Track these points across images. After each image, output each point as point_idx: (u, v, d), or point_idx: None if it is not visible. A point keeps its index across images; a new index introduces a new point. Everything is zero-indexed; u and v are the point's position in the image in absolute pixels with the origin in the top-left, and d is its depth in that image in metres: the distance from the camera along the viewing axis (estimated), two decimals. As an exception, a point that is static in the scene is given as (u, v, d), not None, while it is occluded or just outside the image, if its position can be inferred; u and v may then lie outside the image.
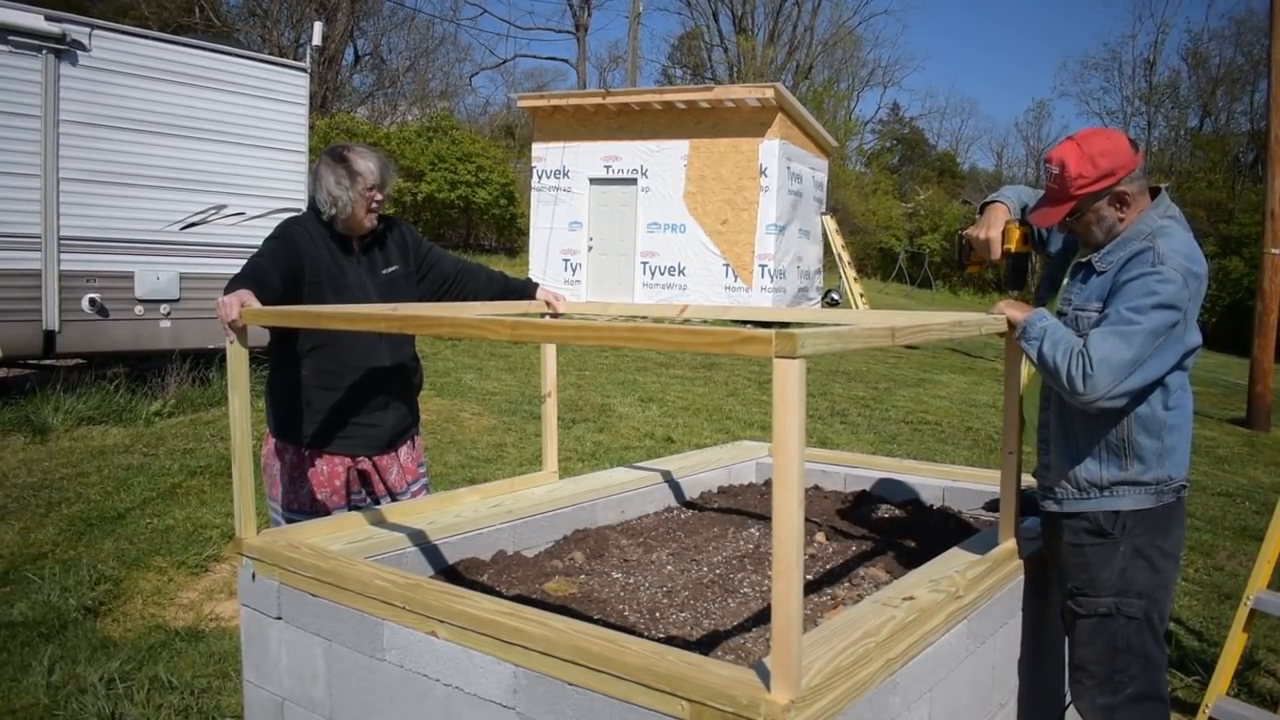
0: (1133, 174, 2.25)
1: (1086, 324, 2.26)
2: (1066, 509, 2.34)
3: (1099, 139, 2.26)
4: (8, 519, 4.84)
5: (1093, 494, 2.30)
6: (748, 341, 1.47)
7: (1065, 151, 2.26)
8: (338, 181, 2.84)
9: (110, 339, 7.37)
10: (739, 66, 36.60)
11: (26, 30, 6.73)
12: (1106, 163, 2.23)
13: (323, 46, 22.83)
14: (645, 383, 9.66)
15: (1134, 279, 2.17)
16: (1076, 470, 2.31)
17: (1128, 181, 2.24)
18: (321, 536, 2.47)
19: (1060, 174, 2.26)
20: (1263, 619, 3.22)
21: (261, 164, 8.18)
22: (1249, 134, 32.77)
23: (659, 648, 1.73)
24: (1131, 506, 2.28)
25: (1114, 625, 2.30)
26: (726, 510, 3.26)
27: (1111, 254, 2.28)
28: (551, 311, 3.15)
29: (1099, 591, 2.31)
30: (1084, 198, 2.25)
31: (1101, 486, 2.29)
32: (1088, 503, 2.31)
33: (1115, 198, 2.26)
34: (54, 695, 3.19)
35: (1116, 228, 2.29)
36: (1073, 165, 2.23)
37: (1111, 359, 2.12)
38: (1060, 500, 2.36)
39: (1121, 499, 2.28)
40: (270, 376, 3.00)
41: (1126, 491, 2.28)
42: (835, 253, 18.93)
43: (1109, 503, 2.28)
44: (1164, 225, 2.26)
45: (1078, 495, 2.32)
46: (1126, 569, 2.29)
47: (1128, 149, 2.25)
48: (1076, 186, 2.24)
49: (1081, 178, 2.23)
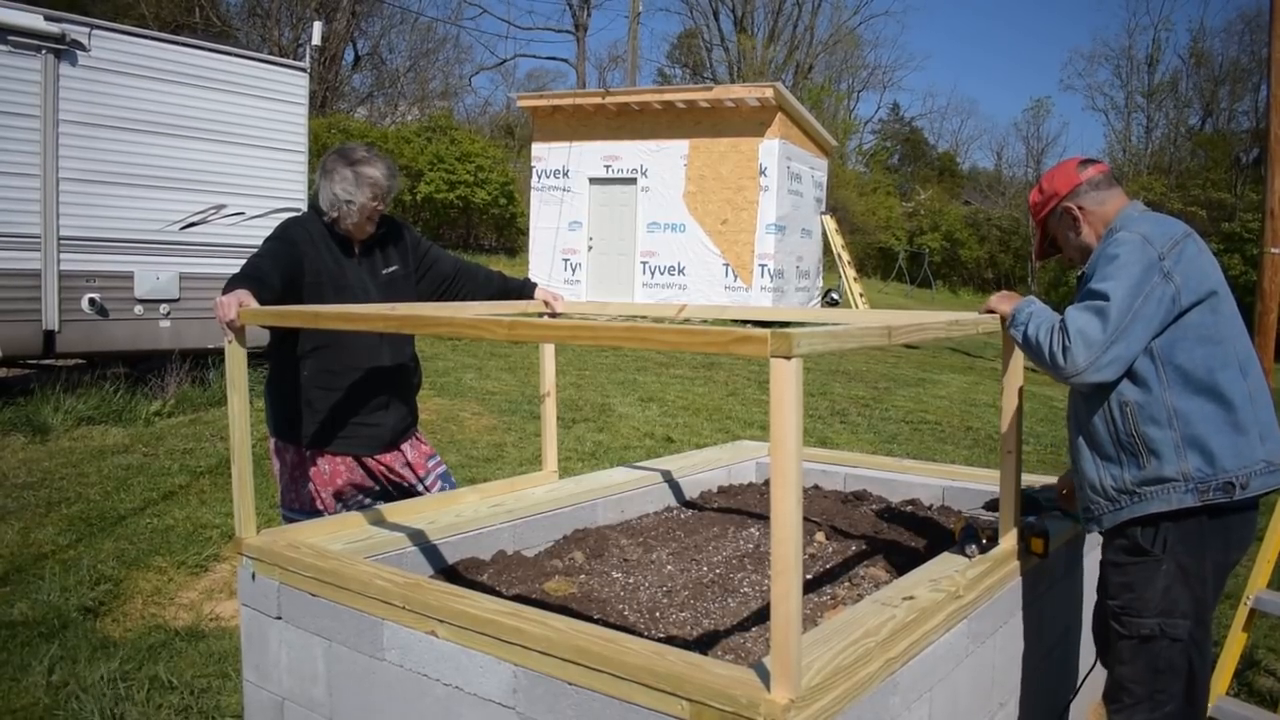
0: (1078, 190, 2.40)
1: None
2: (1106, 525, 2.28)
3: (1050, 170, 2.51)
4: (8, 519, 4.84)
5: (1123, 502, 2.23)
6: (744, 341, 1.47)
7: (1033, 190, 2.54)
8: (344, 188, 2.83)
9: (110, 339, 7.37)
10: (739, 66, 36.59)
11: (26, 30, 6.72)
12: (1050, 185, 2.45)
13: (322, 46, 22.82)
14: (645, 382, 9.66)
15: (1095, 259, 2.28)
16: (1102, 479, 2.26)
17: (1073, 198, 2.40)
18: (321, 536, 2.47)
19: (1030, 206, 2.55)
20: (1262, 618, 3.22)
21: (261, 164, 8.17)
22: (1251, 132, 32.75)
23: (659, 647, 1.73)
24: (1164, 508, 2.17)
25: (1156, 646, 2.22)
26: (726, 510, 3.26)
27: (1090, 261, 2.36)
28: (550, 311, 3.15)
29: (1143, 612, 2.23)
30: (1043, 221, 2.48)
31: (1129, 491, 2.21)
32: (1121, 513, 2.23)
33: (1064, 214, 2.42)
34: (54, 695, 3.19)
35: (1085, 239, 2.40)
36: (1031, 197, 2.52)
37: (1087, 329, 2.12)
38: (1099, 517, 2.30)
39: (1151, 501, 2.18)
40: (270, 376, 3.00)
41: (1154, 493, 2.18)
42: (835, 252, 18.94)
43: (1140, 508, 2.19)
44: (1130, 216, 2.33)
45: (1111, 507, 2.25)
46: (1170, 588, 2.20)
47: (1072, 169, 2.44)
48: (1035, 214, 2.51)
49: (1035, 206, 2.50)
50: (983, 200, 38.61)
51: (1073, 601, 2.85)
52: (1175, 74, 38.05)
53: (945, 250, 33.86)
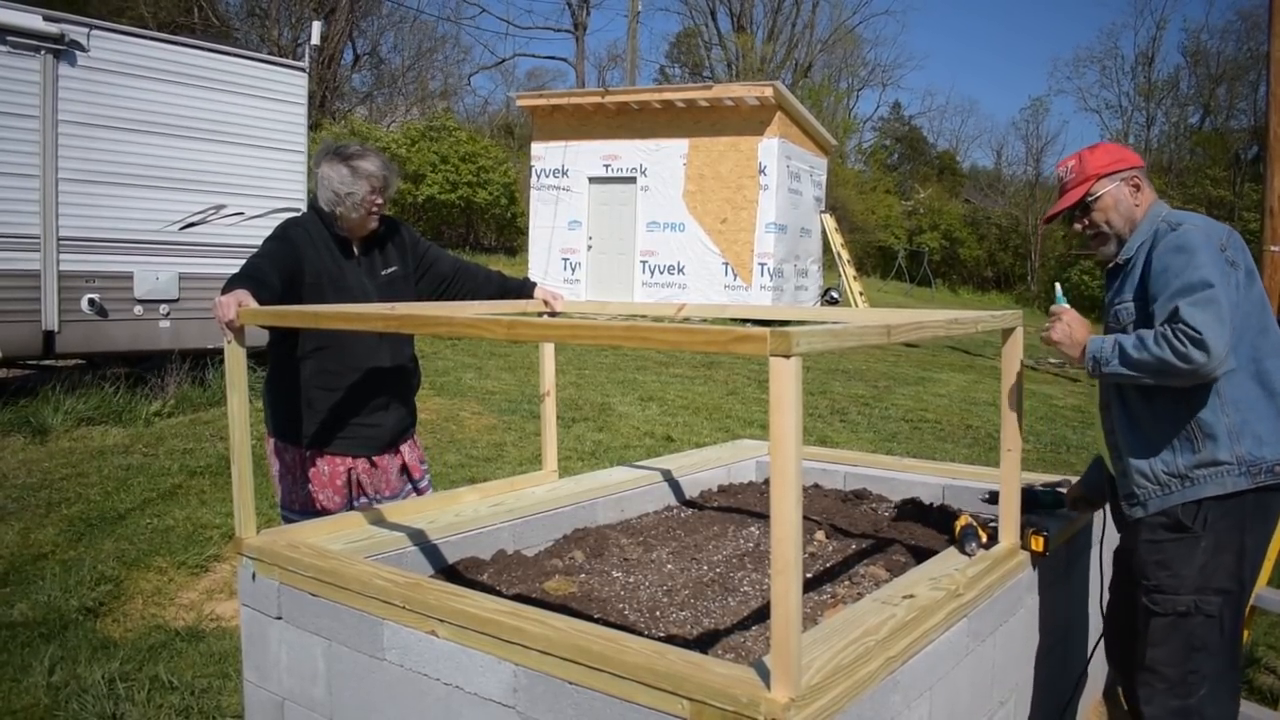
0: (1141, 169, 2.41)
1: (1126, 317, 2.32)
2: (1153, 509, 2.28)
3: (1108, 143, 2.50)
4: (8, 519, 4.84)
5: (1174, 486, 2.24)
6: (743, 340, 1.47)
7: (1080, 152, 2.46)
8: (341, 181, 2.83)
9: (109, 339, 7.37)
10: (738, 65, 36.58)
11: (25, 30, 6.72)
12: (1119, 153, 2.43)
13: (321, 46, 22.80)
14: (645, 382, 9.65)
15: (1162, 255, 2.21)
16: (1153, 465, 2.27)
17: (1140, 171, 2.40)
18: (321, 536, 2.47)
19: (1078, 163, 2.43)
20: (1263, 616, 3.22)
21: (260, 164, 8.17)
22: (1250, 130, 32.75)
23: (659, 647, 1.73)
24: (1217, 491, 2.20)
25: (1191, 624, 2.23)
26: (726, 509, 3.26)
27: (1130, 246, 2.37)
28: (549, 310, 3.15)
29: (1179, 589, 2.23)
30: (1100, 176, 2.38)
31: (1180, 476, 2.23)
32: (1172, 497, 2.24)
33: (1129, 180, 2.38)
34: (54, 695, 3.19)
35: (1134, 213, 2.37)
36: (1089, 155, 2.43)
37: (1209, 320, 2.06)
38: (1144, 502, 2.30)
39: (1204, 485, 2.21)
40: (269, 377, 3.00)
41: (1207, 476, 2.21)
42: (835, 251, 18.93)
43: (1192, 492, 2.22)
44: (1172, 211, 2.37)
45: (1160, 492, 2.26)
46: (1207, 565, 2.22)
47: (1135, 153, 2.47)
48: (1095, 166, 2.39)
49: (1099, 161, 2.40)
50: (982, 199, 38.59)
51: (1073, 600, 2.85)
52: (1175, 72, 38.08)
53: (944, 249, 33.86)
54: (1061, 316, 2.36)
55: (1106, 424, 2.43)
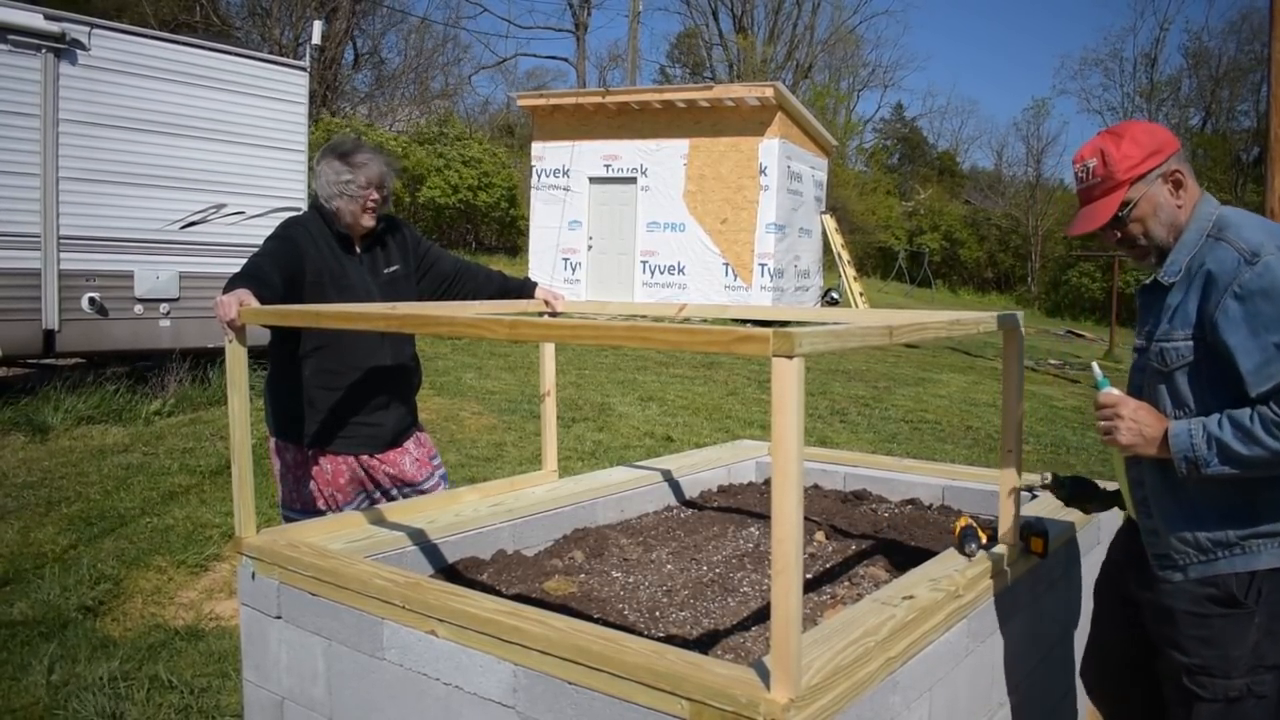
0: (1179, 153, 1.94)
1: (1175, 358, 1.92)
2: (1193, 575, 1.94)
3: (1135, 125, 1.96)
4: (8, 518, 4.84)
5: (1220, 554, 1.90)
6: (745, 340, 1.47)
7: (1102, 142, 1.95)
8: (336, 173, 2.86)
9: (110, 338, 7.37)
10: (738, 65, 36.59)
11: (26, 29, 6.72)
12: (1151, 140, 1.93)
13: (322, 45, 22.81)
14: (645, 382, 9.65)
15: (1245, 296, 1.78)
16: (1196, 532, 1.92)
17: (1177, 160, 1.94)
18: (321, 536, 2.47)
19: (1101, 163, 1.94)
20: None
21: (261, 163, 8.17)
22: (1251, 132, 32.75)
23: (659, 647, 1.73)
24: (1274, 564, 1.87)
25: (1243, 708, 1.94)
26: (726, 509, 3.26)
27: (1175, 262, 1.93)
28: (550, 310, 3.15)
29: (1230, 672, 1.92)
30: (1134, 179, 1.91)
31: (1229, 545, 1.90)
32: (1218, 564, 1.91)
33: (1168, 177, 1.93)
34: (54, 694, 3.19)
35: (1178, 217, 1.94)
36: (1115, 150, 1.92)
37: None
38: (1183, 567, 1.95)
39: (1258, 555, 1.88)
40: (270, 376, 3.00)
41: (1263, 546, 1.88)
42: (835, 252, 18.94)
43: (1243, 561, 1.88)
44: (1222, 212, 1.94)
45: (1203, 558, 1.92)
46: (1261, 643, 1.91)
47: (1167, 130, 1.99)
48: (1125, 168, 1.91)
49: (1128, 159, 1.91)
50: (983, 200, 38.61)
51: (1072, 601, 2.85)
52: (1176, 73, 38.10)
53: (945, 250, 33.89)
54: (1120, 410, 1.94)
55: (1134, 473, 2.04)
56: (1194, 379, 1.90)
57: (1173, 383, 1.93)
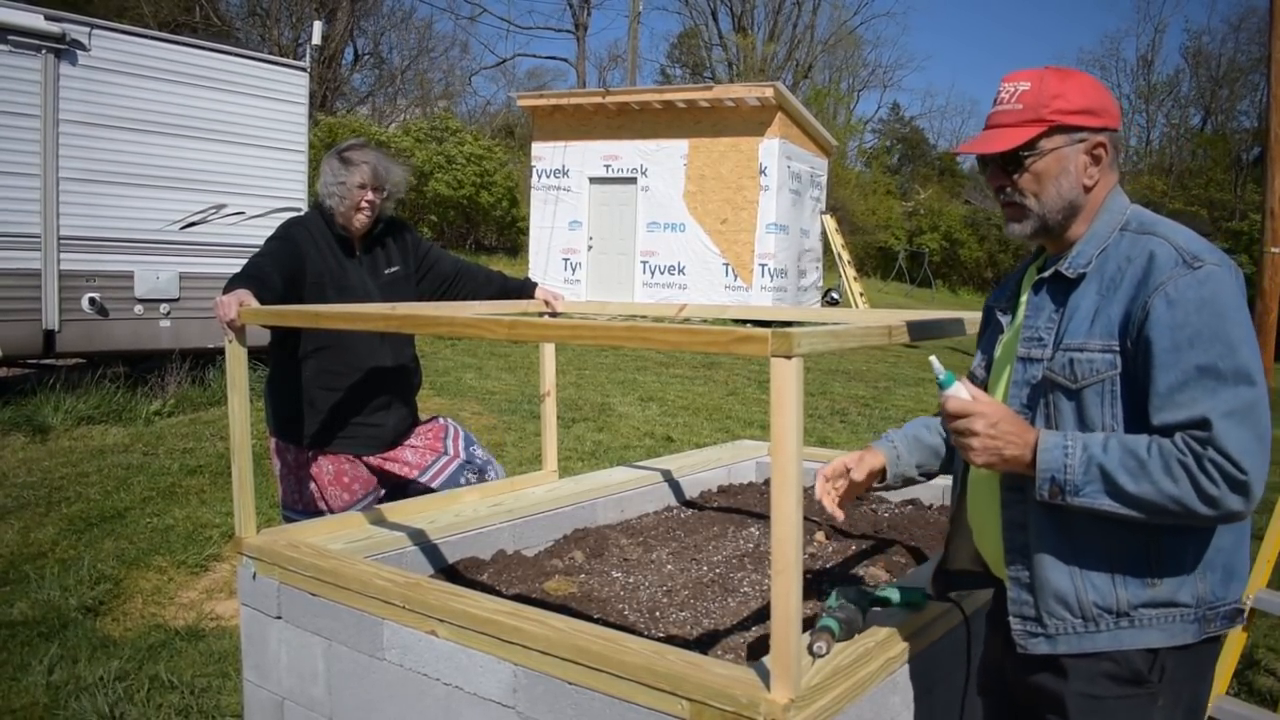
0: (1115, 133, 1.61)
1: (1088, 373, 1.52)
2: (1063, 649, 1.55)
3: (1089, 77, 1.62)
4: (8, 518, 4.84)
5: (1105, 624, 1.53)
6: (744, 341, 1.47)
7: (1044, 72, 1.60)
8: (334, 172, 2.88)
9: (110, 338, 7.37)
10: (738, 65, 36.60)
11: (26, 30, 6.72)
12: (1097, 99, 1.59)
13: (322, 46, 22.83)
14: (645, 382, 9.66)
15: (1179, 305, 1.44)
16: (1080, 591, 1.54)
17: (1109, 137, 1.60)
18: (321, 536, 2.47)
19: (1032, 90, 1.58)
20: (1262, 618, 3.22)
21: (261, 163, 8.18)
22: (1251, 132, 32.76)
23: (659, 647, 1.73)
24: (1162, 642, 1.51)
25: None
26: (726, 510, 3.26)
27: (1082, 253, 1.59)
28: (550, 310, 3.15)
29: None
30: (1057, 126, 1.56)
31: (1117, 613, 1.52)
32: (1099, 638, 1.53)
33: (1092, 148, 1.58)
34: (54, 694, 3.19)
35: (1078, 196, 1.59)
36: (1054, 84, 1.57)
37: (1247, 441, 1.40)
38: (1053, 636, 1.56)
39: (1147, 630, 1.52)
40: (270, 376, 3.00)
41: (1154, 619, 1.51)
42: (835, 252, 18.95)
43: (1130, 636, 1.52)
44: (1138, 209, 1.63)
45: (1081, 627, 1.54)
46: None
47: (1117, 103, 1.65)
48: (1054, 108, 1.56)
49: (1062, 98, 1.56)
50: (983, 200, 38.55)
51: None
52: (1176, 74, 38.12)
53: (945, 250, 33.86)
54: (973, 425, 1.54)
55: (1012, 510, 1.61)
56: (1109, 400, 1.52)
57: (1081, 402, 1.54)
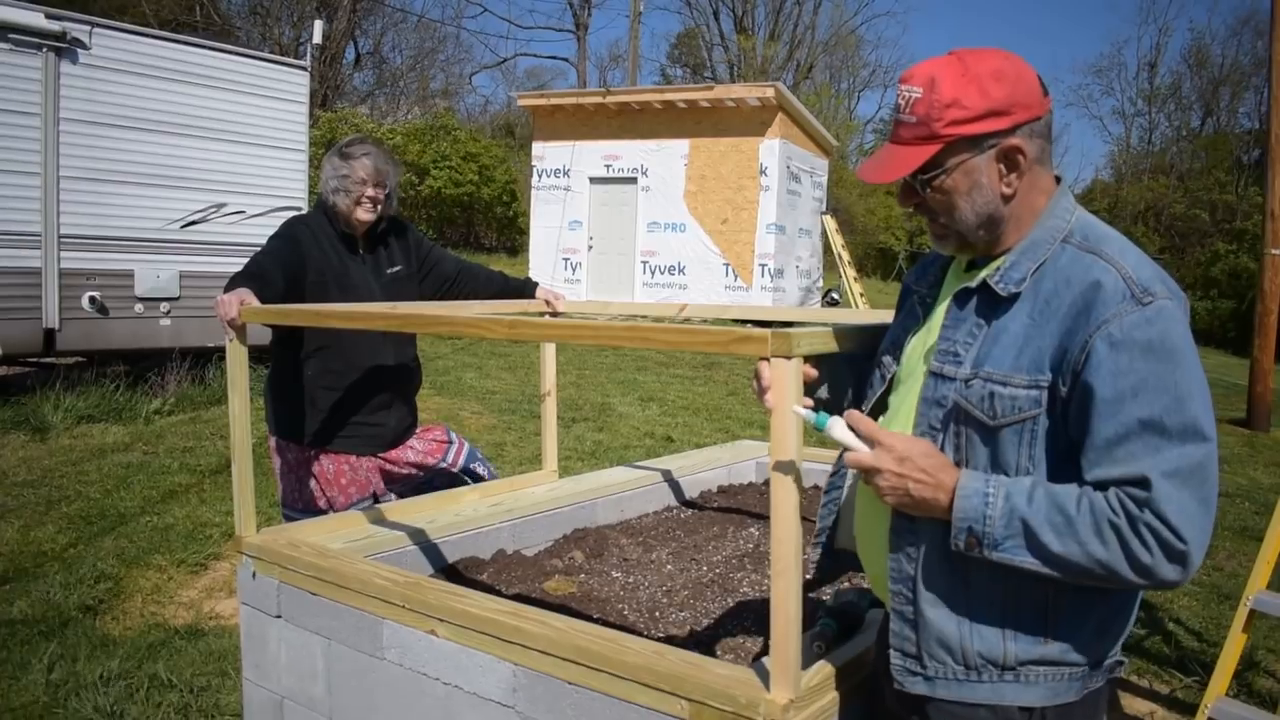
0: (1035, 124, 1.36)
1: (1009, 410, 1.32)
2: (941, 694, 1.42)
3: (994, 58, 1.35)
4: (8, 517, 4.84)
5: (987, 675, 1.39)
6: (744, 341, 1.47)
7: (938, 69, 1.35)
8: (335, 168, 2.88)
9: (110, 337, 7.38)
10: (739, 66, 36.60)
11: (27, 28, 6.73)
12: (1001, 92, 1.32)
13: (323, 45, 22.83)
14: (645, 382, 9.66)
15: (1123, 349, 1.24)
16: (965, 638, 1.39)
17: (1027, 133, 1.35)
18: (321, 535, 2.47)
19: (923, 100, 1.34)
20: (1262, 619, 3.21)
21: (262, 162, 8.18)
22: (1252, 133, 32.75)
23: (659, 647, 1.73)
24: (1046, 701, 1.38)
25: None
26: (726, 510, 3.26)
27: (1016, 266, 1.37)
28: (551, 310, 3.15)
29: None
30: (955, 139, 1.34)
31: (1003, 666, 1.38)
32: (979, 689, 1.39)
33: (1004, 154, 1.35)
34: (54, 693, 3.19)
35: (998, 209, 1.37)
36: (946, 89, 1.33)
37: (1189, 505, 1.23)
38: (932, 679, 1.42)
39: (1032, 687, 1.38)
40: (271, 375, 3.00)
41: (1041, 676, 1.37)
42: (835, 252, 18.94)
43: (1012, 691, 1.38)
44: (1084, 216, 1.40)
45: (963, 674, 1.40)
46: None
47: (1035, 83, 1.36)
48: (947, 121, 1.33)
49: (957, 107, 1.32)
50: (983, 200, 38.57)
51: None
52: (1177, 76, 38.10)
53: (945, 251, 33.84)
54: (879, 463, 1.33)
55: (900, 539, 1.44)
56: (1028, 440, 1.33)
57: (998, 441, 1.34)
